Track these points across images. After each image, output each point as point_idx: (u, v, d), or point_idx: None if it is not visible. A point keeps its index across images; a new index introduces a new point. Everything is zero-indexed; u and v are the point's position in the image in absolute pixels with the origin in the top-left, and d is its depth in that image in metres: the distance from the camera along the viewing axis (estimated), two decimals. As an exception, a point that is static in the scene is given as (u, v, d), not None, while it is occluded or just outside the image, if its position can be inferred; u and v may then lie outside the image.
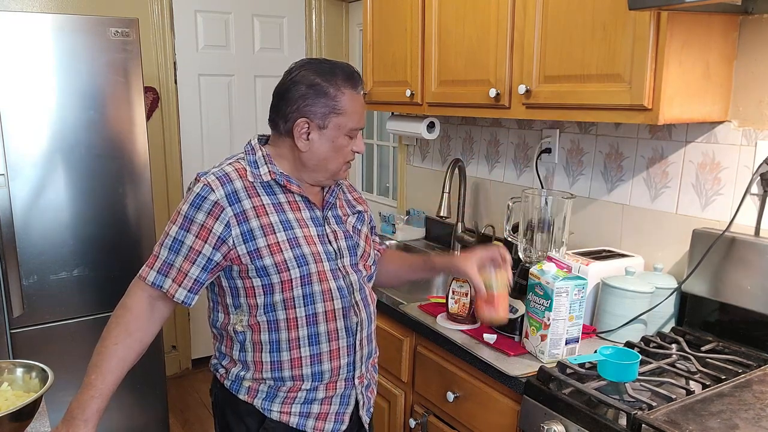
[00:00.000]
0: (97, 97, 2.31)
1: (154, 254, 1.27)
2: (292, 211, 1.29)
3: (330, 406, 1.34)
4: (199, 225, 1.22)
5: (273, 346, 1.29)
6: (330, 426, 1.35)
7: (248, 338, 1.30)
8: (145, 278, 1.26)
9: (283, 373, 1.30)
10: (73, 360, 2.41)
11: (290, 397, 1.31)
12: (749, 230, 1.52)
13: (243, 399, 1.32)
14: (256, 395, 1.32)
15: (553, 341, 1.45)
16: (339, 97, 1.26)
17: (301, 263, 1.26)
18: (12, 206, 2.18)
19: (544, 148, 2.09)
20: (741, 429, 1.11)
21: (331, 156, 1.29)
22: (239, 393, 1.33)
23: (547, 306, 1.43)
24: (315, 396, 1.32)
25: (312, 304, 1.28)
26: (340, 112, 1.26)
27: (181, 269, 1.24)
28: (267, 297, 1.26)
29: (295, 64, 1.31)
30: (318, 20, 3.60)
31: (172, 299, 1.25)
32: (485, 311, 1.39)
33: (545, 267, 1.46)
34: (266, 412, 1.31)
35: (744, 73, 1.53)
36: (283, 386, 1.31)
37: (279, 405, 1.31)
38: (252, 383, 1.32)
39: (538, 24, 1.67)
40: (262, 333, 1.28)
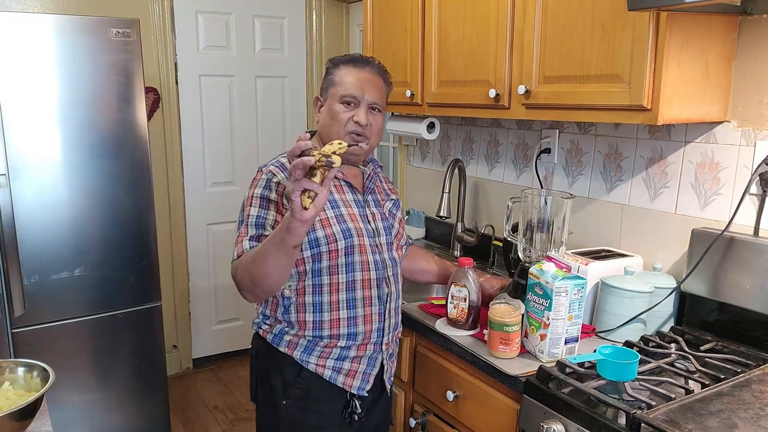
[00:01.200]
0: (98, 98, 2.31)
1: (240, 235, 1.40)
2: (338, 193, 1.48)
3: (359, 365, 1.49)
4: (274, 202, 1.40)
5: (316, 308, 1.44)
6: (357, 383, 1.49)
7: (294, 301, 1.45)
8: (241, 252, 1.36)
9: (323, 332, 1.45)
10: (74, 359, 2.42)
11: (326, 352, 1.46)
12: (748, 230, 1.53)
13: (283, 351, 1.46)
14: (296, 348, 1.46)
15: (552, 341, 1.45)
16: (336, 72, 1.48)
17: (347, 236, 1.43)
18: (13, 206, 2.19)
19: (544, 149, 2.10)
20: (740, 428, 1.11)
21: (329, 123, 1.46)
22: (280, 346, 1.47)
23: (547, 306, 1.44)
24: (348, 354, 1.47)
25: (352, 272, 1.45)
26: (335, 83, 1.47)
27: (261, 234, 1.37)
28: (315, 263, 1.42)
29: None
30: (318, 21, 3.60)
31: None
32: (499, 349, 1.49)
33: (545, 267, 1.46)
34: (304, 363, 1.46)
35: (743, 73, 1.53)
36: (321, 341, 1.45)
37: (316, 358, 1.46)
38: (293, 338, 1.46)
39: (537, 24, 1.67)
40: (307, 296, 1.44)
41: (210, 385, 3.42)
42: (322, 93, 1.51)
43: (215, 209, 3.51)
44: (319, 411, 1.48)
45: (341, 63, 1.49)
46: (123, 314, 2.48)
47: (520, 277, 1.65)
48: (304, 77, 3.65)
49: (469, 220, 2.50)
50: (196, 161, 3.41)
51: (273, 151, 3.60)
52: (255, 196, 1.42)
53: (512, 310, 1.49)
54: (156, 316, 2.57)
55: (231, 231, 3.57)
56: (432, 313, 1.80)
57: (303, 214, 1.12)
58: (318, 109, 1.52)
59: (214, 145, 3.45)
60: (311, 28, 3.60)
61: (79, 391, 2.44)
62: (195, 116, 3.37)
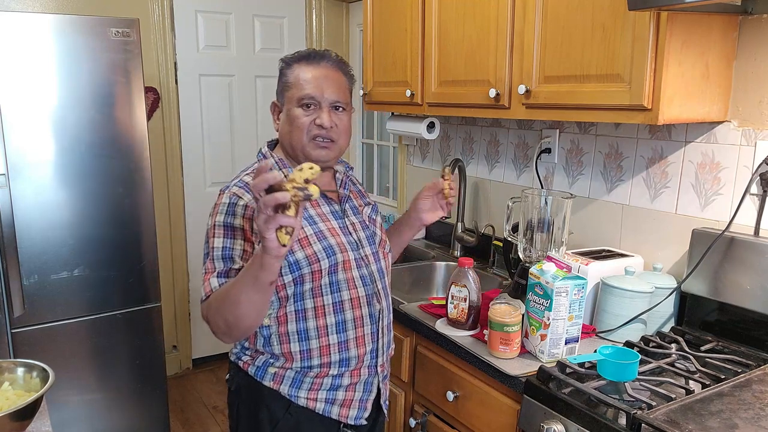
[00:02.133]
0: (98, 98, 2.31)
1: (207, 272, 1.26)
2: (313, 208, 1.34)
3: (354, 393, 1.38)
4: (241, 228, 1.25)
5: (302, 336, 1.31)
6: (354, 413, 1.38)
7: (275, 331, 1.31)
8: (209, 291, 1.24)
9: (312, 361, 1.32)
10: (74, 359, 2.41)
11: (317, 383, 1.33)
12: (749, 230, 1.53)
13: (268, 385, 1.33)
14: (282, 381, 1.33)
15: (552, 341, 1.45)
16: (287, 72, 1.35)
17: (330, 254, 1.30)
18: (13, 206, 2.19)
19: (544, 148, 2.10)
20: (740, 428, 1.11)
21: (290, 130, 1.34)
22: (264, 379, 1.34)
23: (547, 306, 1.44)
24: (341, 382, 1.35)
25: (338, 291, 1.32)
26: (290, 85, 1.34)
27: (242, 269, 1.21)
28: (297, 287, 1.29)
29: None
30: (318, 20, 3.60)
31: None
32: (499, 349, 1.48)
33: (545, 267, 1.46)
34: (293, 398, 1.33)
35: (743, 73, 1.53)
36: (310, 372, 1.33)
37: (306, 391, 1.33)
38: (279, 370, 1.33)
39: (537, 24, 1.67)
40: (290, 323, 1.30)
41: (209, 385, 3.42)
42: (278, 97, 1.38)
43: (215, 209, 3.50)
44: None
45: (293, 61, 1.36)
46: (122, 314, 2.48)
47: (520, 277, 1.65)
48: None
49: (469, 220, 2.50)
50: (196, 161, 3.41)
51: (273, 151, 3.60)
52: (218, 225, 1.27)
53: (512, 310, 1.49)
54: (155, 317, 2.56)
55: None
56: (432, 313, 1.80)
57: (280, 250, 1.02)
58: (276, 115, 1.39)
59: (214, 144, 3.44)
60: (311, 28, 3.60)
61: (79, 392, 2.44)
62: (195, 116, 3.37)
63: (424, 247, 2.60)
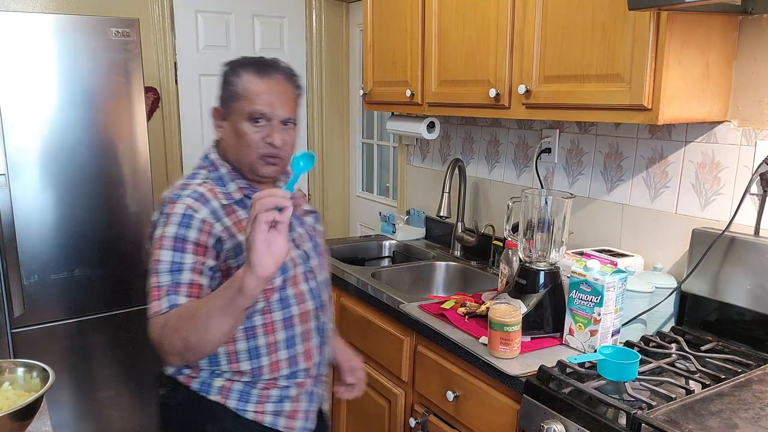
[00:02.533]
0: (98, 98, 2.31)
1: (154, 286, 1.16)
2: None
3: (300, 404, 1.34)
4: (194, 243, 1.18)
5: (252, 353, 1.26)
6: (300, 424, 1.34)
7: (222, 350, 1.25)
8: (159, 310, 1.15)
9: (262, 376, 1.28)
10: (74, 360, 2.41)
11: (264, 396, 1.29)
12: (749, 230, 1.53)
13: (214, 399, 1.27)
14: (229, 396, 1.27)
15: (602, 335, 1.47)
16: (234, 80, 1.27)
17: (283, 270, 1.26)
18: (13, 206, 2.19)
19: (544, 148, 2.10)
20: (740, 428, 1.11)
21: (236, 144, 1.27)
22: (210, 394, 1.27)
23: (597, 302, 1.46)
24: (288, 393, 1.31)
25: (288, 307, 1.28)
26: (238, 96, 1.26)
27: (193, 282, 1.17)
28: None
29: None
30: (318, 20, 3.60)
31: None
32: (500, 349, 1.48)
33: (589, 264, 1.48)
34: (240, 412, 1.27)
35: (744, 72, 1.53)
36: (258, 384, 1.28)
37: (254, 405, 1.28)
38: (225, 383, 1.27)
39: (537, 24, 1.67)
40: (239, 342, 1.25)
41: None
42: (223, 104, 1.29)
43: (215, 209, 3.50)
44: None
45: (241, 68, 1.28)
46: (123, 314, 2.48)
47: (520, 277, 1.65)
48: (303, 77, 3.64)
49: (469, 220, 2.49)
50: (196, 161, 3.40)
51: (273, 151, 3.60)
52: (168, 236, 1.17)
53: (512, 310, 1.49)
54: (156, 316, 2.56)
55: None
56: (432, 312, 1.80)
57: (265, 269, 0.96)
58: (219, 121, 1.31)
59: (214, 145, 3.44)
60: (311, 28, 3.60)
61: (79, 392, 2.44)
62: (195, 116, 3.37)
63: (424, 247, 2.60)
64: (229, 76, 1.28)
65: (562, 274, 1.62)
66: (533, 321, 1.57)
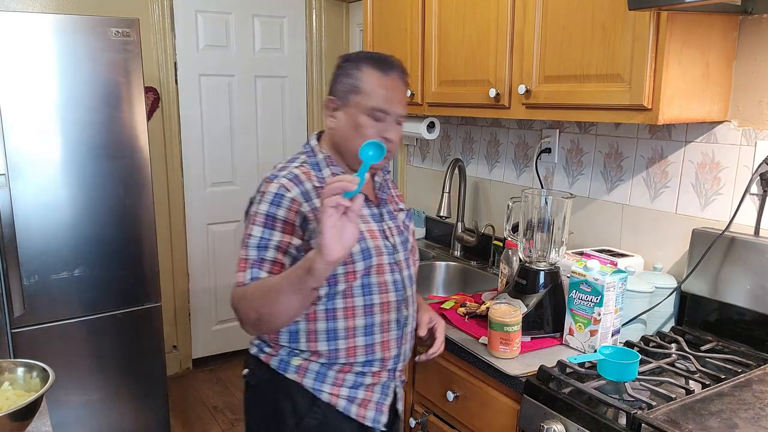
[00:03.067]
0: (98, 98, 2.31)
1: (242, 258, 1.25)
2: None
3: (373, 394, 1.37)
4: (282, 221, 1.25)
5: (330, 335, 1.31)
6: (371, 414, 1.37)
7: (303, 328, 1.31)
8: (242, 281, 1.23)
9: (339, 360, 1.32)
10: (74, 360, 2.41)
11: (340, 379, 1.33)
12: (749, 230, 1.53)
13: (291, 378, 1.33)
14: (305, 374, 1.32)
15: (602, 335, 1.47)
16: (362, 77, 1.30)
17: (366, 256, 1.30)
18: (13, 206, 2.19)
19: (544, 148, 2.10)
20: (740, 428, 1.11)
21: (352, 135, 1.31)
22: (287, 372, 1.33)
23: (597, 302, 1.46)
24: (363, 381, 1.35)
25: (370, 294, 1.32)
26: (361, 90, 1.30)
27: (276, 260, 1.24)
28: (331, 287, 1.28)
29: None
30: (318, 20, 3.60)
31: None
32: (500, 349, 1.48)
33: (589, 264, 1.48)
34: (316, 393, 1.32)
35: (744, 72, 1.53)
36: (334, 366, 1.33)
37: (329, 386, 1.33)
38: (303, 362, 1.33)
39: (537, 24, 1.67)
40: (319, 322, 1.30)
41: (210, 385, 3.42)
42: (340, 96, 1.32)
43: (215, 209, 3.51)
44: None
45: (364, 64, 1.31)
46: (122, 314, 2.48)
47: (520, 277, 1.65)
48: (304, 77, 3.64)
49: (469, 220, 2.49)
50: (196, 161, 3.41)
51: (273, 151, 3.60)
52: (260, 213, 1.26)
53: (512, 310, 1.49)
54: (156, 317, 2.56)
55: (231, 231, 3.59)
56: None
57: (333, 253, 1.01)
58: (332, 111, 1.34)
59: (214, 145, 3.44)
60: (311, 28, 3.60)
61: (79, 392, 2.44)
62: (194, 116, 3.37)
63: (424, 247, 2.60)
64: (350, 69, 1.32)
65: (562, 274, 1.62)
66: (533, 321, 1.57)
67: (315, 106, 3.67)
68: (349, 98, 1.31)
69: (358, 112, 1.30)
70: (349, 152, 1.33)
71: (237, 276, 1.24)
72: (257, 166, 3.58)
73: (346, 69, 1.32)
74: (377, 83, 1.30)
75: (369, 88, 1.29)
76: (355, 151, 1.29)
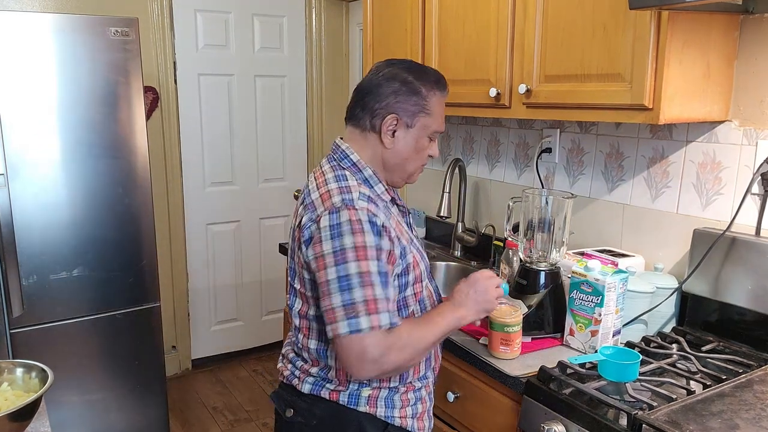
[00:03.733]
0: (97, 97, 2.30)
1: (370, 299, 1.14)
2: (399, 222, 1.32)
3: (426, 404, 1.37)
4: (387, 252, 1.19)
5: None
6: (426, 424, 1.37)
7: None
8: (379, 325, 1.13)
9: (407, 379, 1.30)
10: (73, 360, 2.41)
11: (405, 400, 1.31)
12: (750, 230, 1.52)
13: (363, 410, 1.27)
14: (377, 404, 1.28)
15: (603, 335, 1.47)
16: (429, 98, 1.27)
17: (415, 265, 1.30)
18: (12, 206, 2.18)
19: (545, 148, 2.09)
20: (741, 429, 1.11)
21: (412, 156, 1.30)
22: (359, 405, 1.27)
23: (598, 302, 1.45)
24: (420, 395, 1.34)
25: (425, 308, 1.33)
26: (429, 112, 1.27)
27: (390, 299, 1.18)
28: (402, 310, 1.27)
29: (381, 62, 1.32)
30: (318, 20, 3.60)
31: None
32: (500, 350, 1.48)
33: (590, 264, 1.48)
34: (389, 419, 1.28)
35: (745, 72, 1.52)
36: (399, 387, 1.30)
37: (398, 410, 1.30)
38: (372, 391, 1.27)
39: (538, 23, 1.67)
40: None
41: (209, 386, 3.41)
42: (405, 115, 1.25)
43: (214, 209, 3.50)
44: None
45: (434, 86, 1.28)
46: (122, 315, 2.47)
47: (521, 277, 1.64)
48: (303, 76, 3.64)
49: (469, 220, 2.49)
50: (195, 161, 3.40)
51: (272, 151, 3.60)
52: (368, 246, 1.14)
53: (513, 311, 1.48)
54: (155, 317, 2.56)
55: (230, 231, 3.59)
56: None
57: None
58: (393, 132, 1.26)
59: (213, 144, 3.44)
60: (311, 27, 3.60)
61: (78, 392, 2.43)
62: (194, 116, 3.36)
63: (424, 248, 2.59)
64: (423, 92, 1.26)
65: (562, 275, 1.62)
66: (534, 321, 1.57)
67: (314, 105, 3.67)
68: (418, 119, 1.27)
69: (423, 134, 1.29)
70: (401, 172, 1.32)
71: (363, 321, 1.12)
72: (257, 165, 3.58)
73: (418, 91, 1.26)
74: (439, 105, 1.29)
75: (436, 111, 1.28)
76: (404, 170, 1.32)
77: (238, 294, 3.66)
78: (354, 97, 1.31)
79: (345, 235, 1.14)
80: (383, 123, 1.26)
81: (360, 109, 1.28)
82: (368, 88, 1.28)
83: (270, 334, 3.75)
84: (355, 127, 1.30)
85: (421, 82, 1.26)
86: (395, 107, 1.25)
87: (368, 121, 1.27)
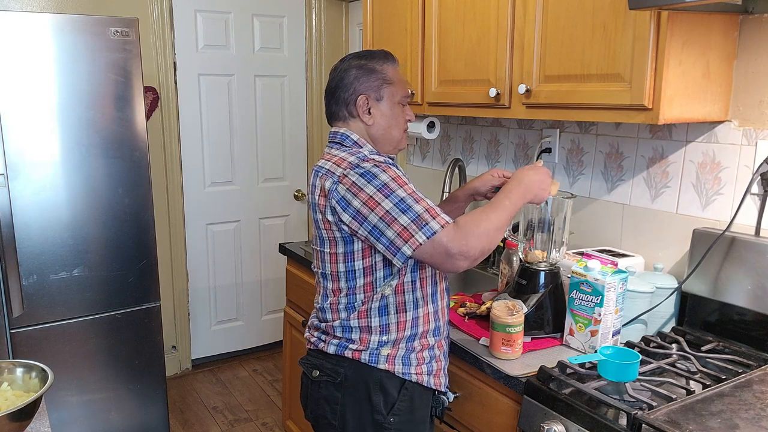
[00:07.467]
0: (97, 97, 2.30)
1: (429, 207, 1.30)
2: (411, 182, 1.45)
3: (441, 362, 1.49)
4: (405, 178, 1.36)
5: (412, 305, 1.42)
6: (442, 381, 1.49)
7: (393, 300, 1.40)
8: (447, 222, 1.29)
9: (418, 328, 1.43)
10: (73, 360, 2.41)
11: (421, 358, 1.44)
12: (749, 230, 1.52)
13: (383, 368, 1.40)
14: (395, 362, 1.41)
15: (603, 335, 1.47)
16: (385, 70, 1.45)
17: None
18: (12, 206, 2.18)
19: (545, 148, 2.09)
20: (741, 429, 1.11)
21: (392, 123, 1.46)
22: (378, 363, 1.40)
23: (598, 302, 1.46)
24: (434, 353, 1.46)
25: None
26: (390, 81, 1.45)
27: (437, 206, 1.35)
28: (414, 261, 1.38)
29: (337, 62, 1.49)
30: (318, 20, 3.60)
31: None
32: (501, 350, 1.49)
33: (589, 264, 1.48)
34: (406, 376, 1.41)
35: (744, 72, 1.52)
36: (414, 347, 1.43)
37: (414, 367, 1.43)
38: (391, 350, 1.41)
39: (538, 23, 1.67)
40: (406, 293, 1.41)
41: (209, 386, 3.41)
42: (372, 91, 1.44)
43: (214, 209, 3.50)
44: (422, 418, 1.47)
45: (381, 60, 1.46)
46: (122, 314, 2.47)
47: (520, 277, 1.64)
48: (303, 76, 3.64)
49: (469, 219, 2.49)
50: (195, 161, 3.40)
51: (272, 151, 3.60)
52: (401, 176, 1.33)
53: (515, 311, 1.48)
54: (155, 317, 2.56)
55: (230, 231, 3.59)
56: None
57: None
58: (368, 109, 1.44)
59: (213, 144, 3.44)
60: (311, 27, 3.60)
61: (78, 392, 2.43)
62: (194, 116, 3.37)
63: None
64: (375, 65, 1.45)
65: (562, 275, 1.62)
66: (533, 321, 1.57)
67: (314, 105, 3.67)
68: (383, 91, 1.44)
69: (392, 103, 1.45)
70: (390, 140, 1.47)
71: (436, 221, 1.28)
72: (257, 165, 3.58)
73: (374, 68, 1.44)
74: (396, 73, 1.47)
75: (396, 79, 1.46)
76: (392, 139, 1.47)
77: (238, 294, 3.66)
78: (326, 99, 1.49)
79: (379, 175, 1.32)
80: (357, 106, 1.44)
81: (335, 104, 1.47)
82: (334, 85, 1.46)
83: (270, 334, 3.76)
84: (338, 120, 1.48)
85: (374, 61, 1.45)
86: (361, 89, 1.44)
87: (345, 111, 1.46)
